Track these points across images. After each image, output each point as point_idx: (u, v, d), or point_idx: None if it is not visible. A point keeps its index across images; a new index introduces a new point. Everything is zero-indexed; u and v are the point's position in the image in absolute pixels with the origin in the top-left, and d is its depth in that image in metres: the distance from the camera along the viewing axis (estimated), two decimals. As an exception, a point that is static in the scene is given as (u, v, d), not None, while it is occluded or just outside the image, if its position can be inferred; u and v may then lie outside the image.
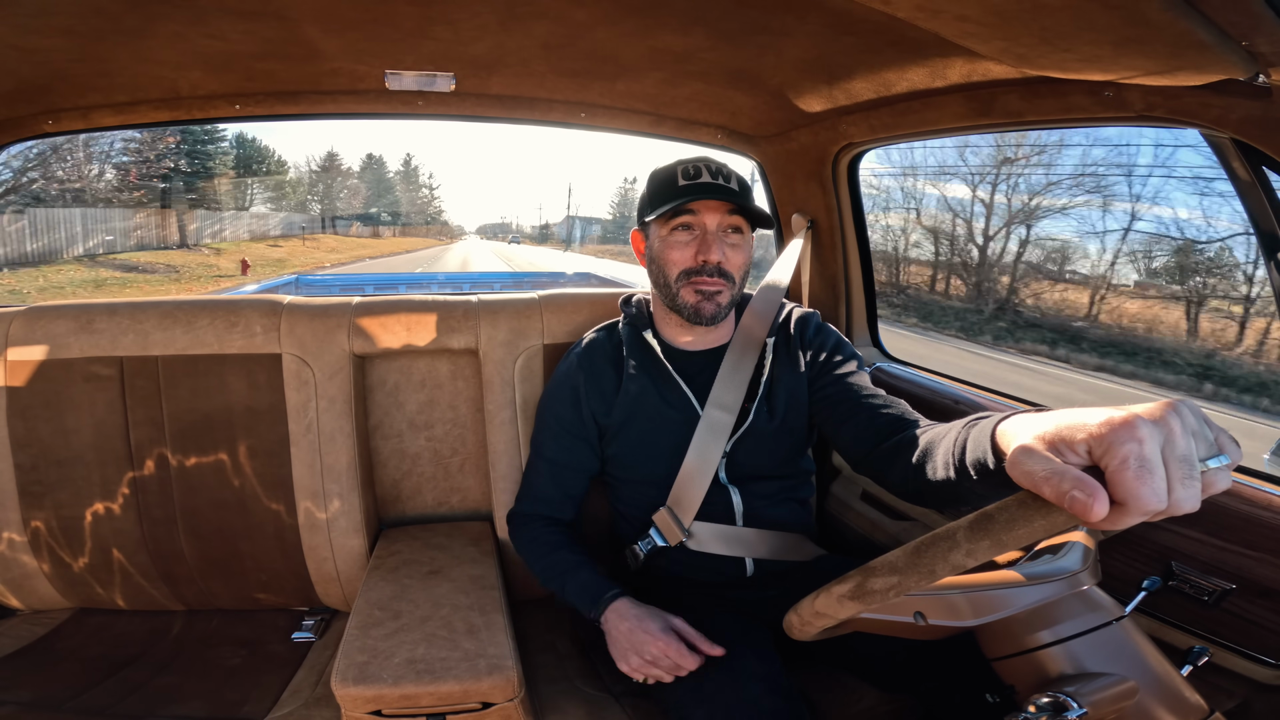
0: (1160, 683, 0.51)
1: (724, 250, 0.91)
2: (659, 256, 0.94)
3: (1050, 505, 0.39)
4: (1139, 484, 0.36)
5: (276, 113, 1.24)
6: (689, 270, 0.91)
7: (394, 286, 4.12)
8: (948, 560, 0.44)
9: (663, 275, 0.94)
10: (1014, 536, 0.41)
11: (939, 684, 0.81)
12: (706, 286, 0.91)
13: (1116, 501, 0.37)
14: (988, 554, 0.42)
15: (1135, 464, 0.36)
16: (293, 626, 1.14)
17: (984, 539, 0.42)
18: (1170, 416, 0.37)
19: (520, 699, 0.80)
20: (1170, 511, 0.36)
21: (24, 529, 1.10)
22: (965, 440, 0.61)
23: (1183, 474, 0.36)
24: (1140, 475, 0.36)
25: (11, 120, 1.16)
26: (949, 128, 1.02)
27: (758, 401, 0.97)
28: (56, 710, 0.91)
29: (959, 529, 0.43)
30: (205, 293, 8.62)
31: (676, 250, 0.92)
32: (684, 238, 0.91)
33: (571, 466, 1.03)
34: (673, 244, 0.92)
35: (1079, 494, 0.36)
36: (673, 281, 0.93)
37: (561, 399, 1.02)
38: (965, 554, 0.43)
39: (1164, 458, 0.36)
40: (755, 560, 0.99)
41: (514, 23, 0.89)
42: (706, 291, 0.91)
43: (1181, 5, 0.51)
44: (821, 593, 0.55)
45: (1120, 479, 0.36)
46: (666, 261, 0.93)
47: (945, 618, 0.56)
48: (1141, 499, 0.36)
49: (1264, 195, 0.71)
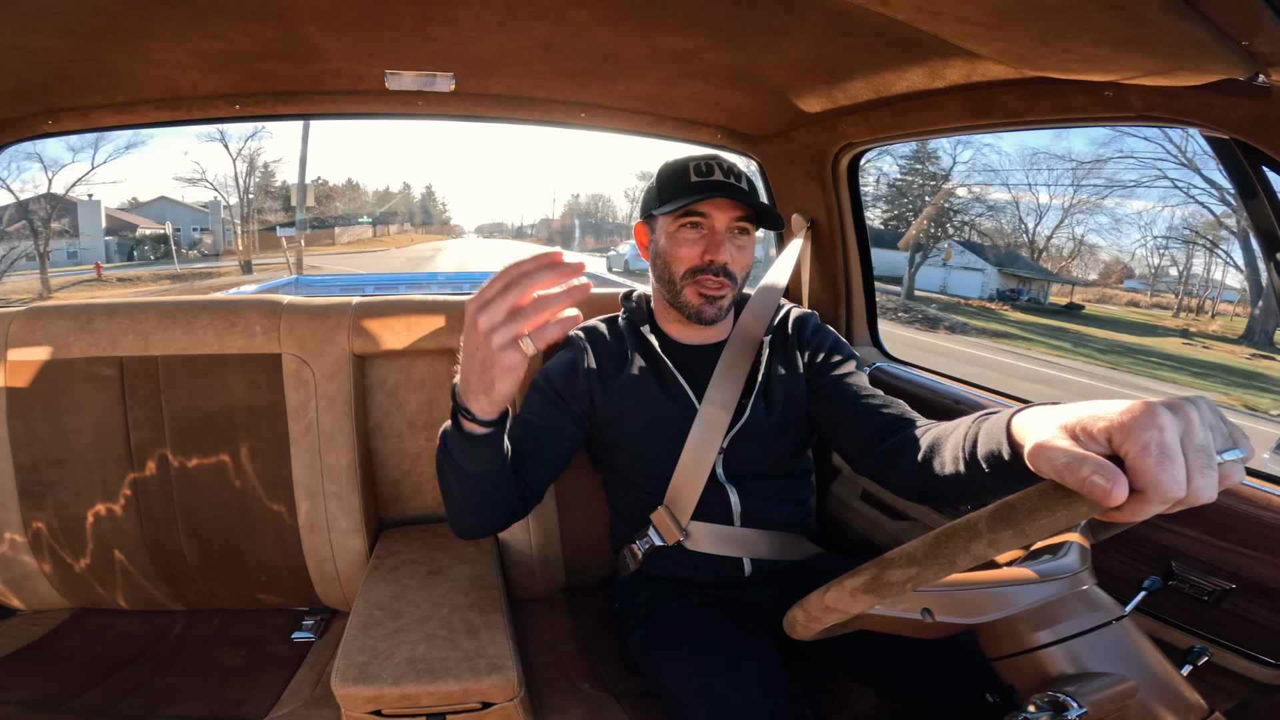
0: (1160, 682, 0.51)
1: (731, 250, 0.91)
2: (665, 252, 0.94)
3: (1072, 494, 0.39)
4: (1160, 471, 0.36)
5: (276, 113, 1.24)
6: (695, 269, 0.91)
7: (394, 286, 4.12)
8: (969, 551, 0.43)
9: (668, 271, 0.94)
10: (1037, 526, 0.40)
11: (929, 690, 0.81)
12: (710, 289, 0.91)
13: (1137, 489, 0.37)
14: (1010, 544, 0.42)
15: (1156, 451, 0.36)
16: (293, 626, 1.14)
17: (1006, 529, 0.42)
18: (1188, 408, 0.38)
19: (520, 699, 0.80)
20: (1189, 501, 0.37)
21: (24, 529, 1.10)
22: (976, 434, 0.61)
23: (1201, 463, 0.37)
24: (1161, 462, 0.36)
25: (11, 120, 1.16)
26: (949, 128, 1.02)
27: (754, 397, 0.97)
28: (56, 710, 0.91)
29: (980, 519, 0.43)
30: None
31: (684, 247, 0.91)
32: (692, 235, 0.91)
33: (548, 429, 0.92)
34: (680, 240, 0.91)
35: (1100, 479, 0.37)
36: (678, 278, 0.93)
37: (558, 371, 0.98)
38: (988, 544, 0.43)
39: (1183, 447, 0.37)
40: (753, 560, 0.99)
41: (514, 23, 0.89)
42: (709, 295, 0.92)
43: (1181, 5, 0.51)
44: (833, 586, 0.54)
45: (1141, 466, 0.36)
46: (673, 258, 0.92)
47: (953, 614, 0.55)
48: (1163, 486, 0.36)
49: (1264, 195, 0.71)
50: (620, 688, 0.97)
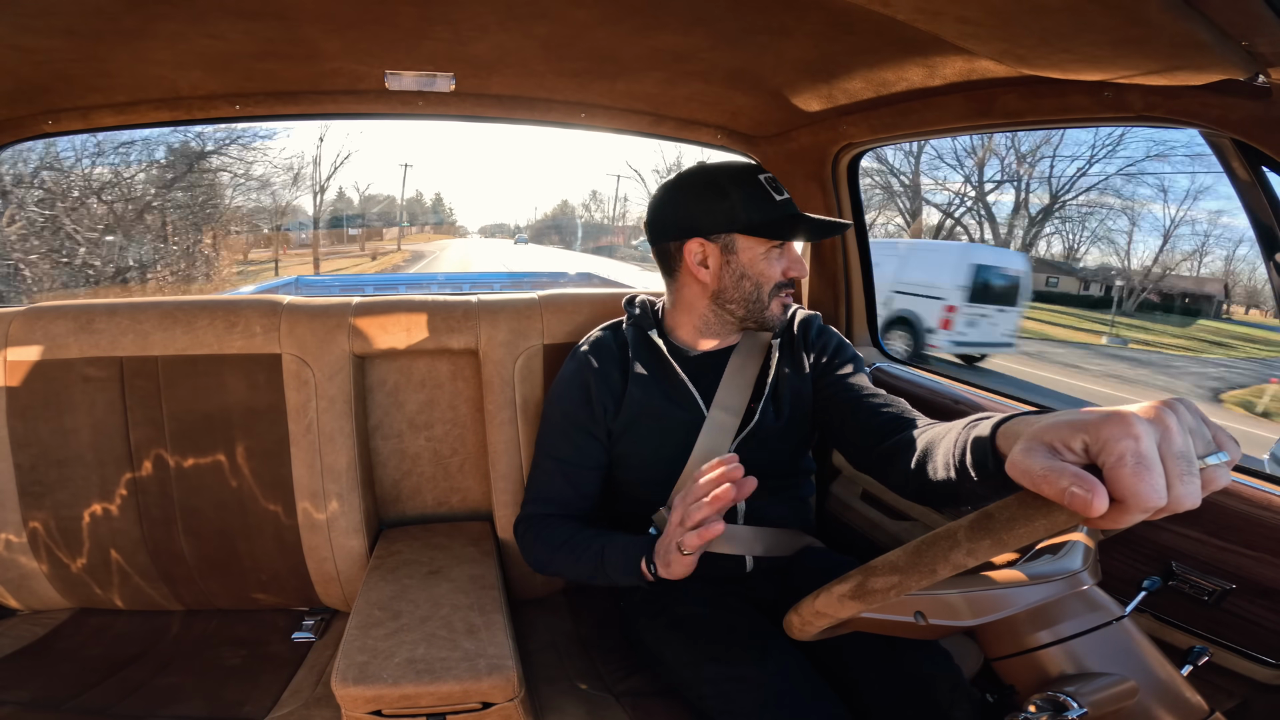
0: (1160, 683, 0.51)
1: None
2: (753, 271, 0.94)
3: (1050, 504, 0.39)
4: (1137, 480, 0.36)
5: (276, 113, 1.24)
6: (781, 284, 0.96)
7: (394, 286, 4.12)
8: (949, 559, 0.44)
9: (757, 289, 0.95)
10: (1015, 535, 0.41)
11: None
12: (789, 299, 0.98)
13: (1116, 499, 0.37)
14: (989, 553, 0.42)
15: (1132, 460, 0.36)
16: (293, 626, 1.14)
17: (985, 538, 0.42)
18: (1165, 414, 0.37)
19: (520, 699, 0.80)
20: (1171, 508, 0.36)
21: (23, 529, 1.10)
22: (966, 441, 0.61)
23: (1181, 470, 0.36)
24: (1138, 471, 0.36)
25: (11, 120, 1.16)
26: (949, 128, 1.02)
27: (764, 401, 0.98)
28: (56, 710, 0.91)
29: (960, 528, 0.44)
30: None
31: (774, 266, 0.95)
32: (777, 254, 0.95)
33: (585, 465, 1.00)
34: (771, 259, 0.94)
35: (1078, 490, 0.36)
36: (767, 295, 0.95)
37: (571, 396, 1.00)
38: (966, 553, 0.43)
39: (1161, 454, 0.36)
40: (754, 557, 0.99)
41: (514, 23, 0.89)
42: (787, 304, 0.98)
43: (1181, 5, 0.51)
44: (822, 592, 0.55)
45: (1118, 476, 0.36)
46: (763, 276, 0.94)
47: (945, 617, 0.56)
48: (1141, 495, 0.36)
49: (1264, 195, 0.71)
50: (620, 688, 0.97)
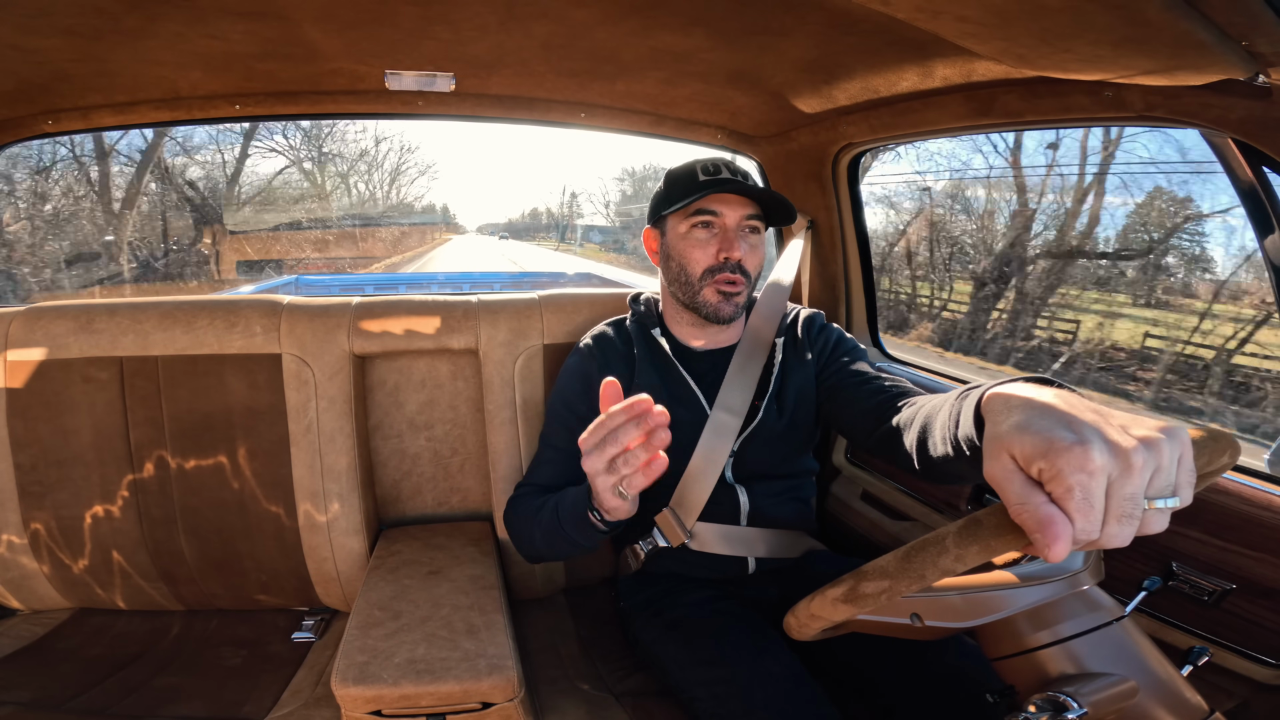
0: (1160, 683, 0.51)
1: (744, 248, 0.91)
2: (679, 254, 0.93)
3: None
4: (1076, 515, 0.36)
5: (276, 113, 1.24)
6: (713, 268, 0.91)
7: (394, 286, 4.12)
8: (937, 565, 0.44)
9: (684, 273, 0.93)
10: (1003, 542, 0.41)
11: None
12: (728, 286, 0.91)
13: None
14: (976, 559, 0.43)
15: (1080, 496, 0.36)
16: (293, 626, 1.14)
17: (973, 544, 0.42)
18: (1138, 452, 0.36)
19: (520, 699, 0.80)
20: (1100, 544, 0.37)
21: (24, 530, 1.10)
22: (958, 414, 0.59)
23: (1122, 511, 0.36)
24: (1081, 508, 0.36)
25: (11, 120, 1.16)
26: (949, 128, 1.02)
27: (767, 399, 0.97)
28: (56, 710, 0.91)
29: (949, 534, 0.44)
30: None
31: (698, 248, 0.91)
32: (704, 235, 0.91)
33: (579, 454, 0.97)
34: (693, 241, 0.92)
35: (1039, 536, 0.37)
36: (695, 280, 0.92)
37: (574, 389, 1.00)
38: (954, 559, 0.43)
39: (1109, 493, 0.36)
40: (757, 559, 0.99)
41: (514, 23, 0.89)
42: (728, 292, 0.92)
43: (1181, 5, 0.51)
44: (816, 596, 0.55)
45: (1062, 507, 0.37)
46: (688, 259, 0.92)
47: (942, 619, 0.56)
48: (1075, 529, 0.36)
49: (1264, 195, 0.71)
50: (620, 688, 0.97)
